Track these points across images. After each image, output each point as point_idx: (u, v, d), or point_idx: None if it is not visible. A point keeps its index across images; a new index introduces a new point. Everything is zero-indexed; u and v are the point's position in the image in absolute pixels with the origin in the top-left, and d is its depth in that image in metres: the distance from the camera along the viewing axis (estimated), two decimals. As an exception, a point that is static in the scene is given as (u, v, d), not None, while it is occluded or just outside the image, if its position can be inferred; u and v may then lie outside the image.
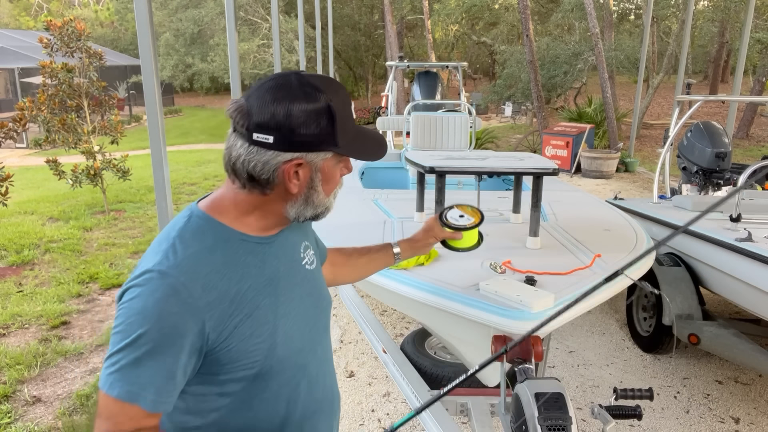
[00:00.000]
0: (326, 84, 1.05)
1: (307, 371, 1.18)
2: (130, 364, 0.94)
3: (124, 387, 0.94)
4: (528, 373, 1.90)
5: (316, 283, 1.26)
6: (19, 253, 6.08)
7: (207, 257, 1.01)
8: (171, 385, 0.98)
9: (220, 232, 1.05)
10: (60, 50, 7.40)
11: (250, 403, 1.10)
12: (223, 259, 1.03)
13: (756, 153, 12.17)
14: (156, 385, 0.95)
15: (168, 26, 24.01)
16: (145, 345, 0.94)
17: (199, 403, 1.09)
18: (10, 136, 6.15)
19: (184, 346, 0.97)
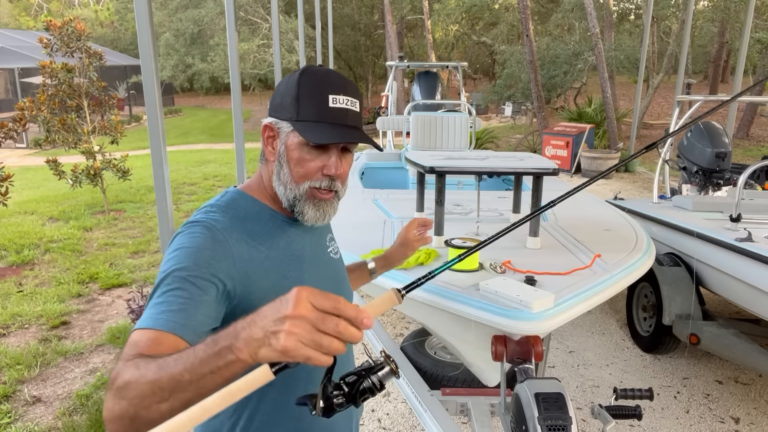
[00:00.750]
0: (324, 72, 1.11)
1: None
2: (162, 296, 0.93)
3: (146, 320, 0.91)
4: (528, 373, 1.90)
5: (340, 273, 1.31)
6: (19, 253, 6.08)
7: (239, 224, 1.09)
8: (198, 314, 0.94)
9: (252, 205, 1.14)
10: (60, 50, 7.40)
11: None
12: (253, 228, 1.11)
13: (756, 153, 12.17)
14: (183, 310, 0.93)
15: (168, 26, 24.01)
16: (179, 278, 0.95)
17: None
18: (10, 136, 6.15)
19: (214, 283, 0.97)
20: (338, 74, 1.13)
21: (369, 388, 0.80)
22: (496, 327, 1.95)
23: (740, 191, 3.43)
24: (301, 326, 0.68)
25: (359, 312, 0.71)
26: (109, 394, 0.79)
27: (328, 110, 1.07)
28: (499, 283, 2.07)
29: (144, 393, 0.76)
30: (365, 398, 0.81)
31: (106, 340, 4.16)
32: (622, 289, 2.37)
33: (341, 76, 1.13)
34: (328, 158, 1.10)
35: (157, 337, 0.88)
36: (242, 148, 4.67)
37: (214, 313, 0.97)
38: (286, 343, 0.68)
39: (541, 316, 1.91)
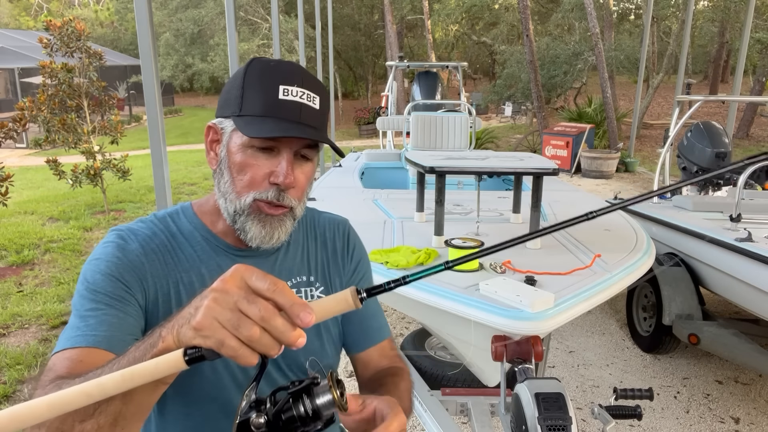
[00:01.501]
0: (276, 62, 0.93)
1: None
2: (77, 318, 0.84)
3: (62, 342, 0.81)
4: (528, 373, 1.91)
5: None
6: (19, 253, 6.08)
7: (166, 241, 0.95)
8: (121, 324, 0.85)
9: (187, 223, 0.98)
10: (60, 50, 7.40)
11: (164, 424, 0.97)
12: (179, 248, 0.96)
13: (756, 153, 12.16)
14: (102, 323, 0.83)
15: (168, 26, 24.00)
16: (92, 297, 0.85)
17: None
18: (10, 136, 6.15)
19: (128, 297, 0.88)
20: (296, 65, 0.94)
21: (299, 417, 0.61)
22: (496, 327, 1.95)
23: (740, 191, 3.43)
24: (221, 302, 0.56)
25: (299, 304, 0.57)
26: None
27: (277, 103, 0.87)
28: (499, 283, 2.07)
29: (63, 416, 0.61)
30: (291, 427, 0.62)
31: (106, 340, 4.16)
32: (622, 289, 2.37)
33: (299, 67, 0.93)
34: (277, 163, 0.89)
35: (76, 356, 0.77)
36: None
37: (137, 325, 0.88)
38: (201, 319, 0.56)
39: (541, 316, 1.91)
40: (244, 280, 0.57)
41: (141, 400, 0.65)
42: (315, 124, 0.90)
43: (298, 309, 0.57)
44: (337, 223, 1.15)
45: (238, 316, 0.56)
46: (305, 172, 0.94)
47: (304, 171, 0.93)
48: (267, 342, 0.56)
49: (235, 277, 0.58)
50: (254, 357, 0.56)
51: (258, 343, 0.56)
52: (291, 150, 0.90)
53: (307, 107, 0.89)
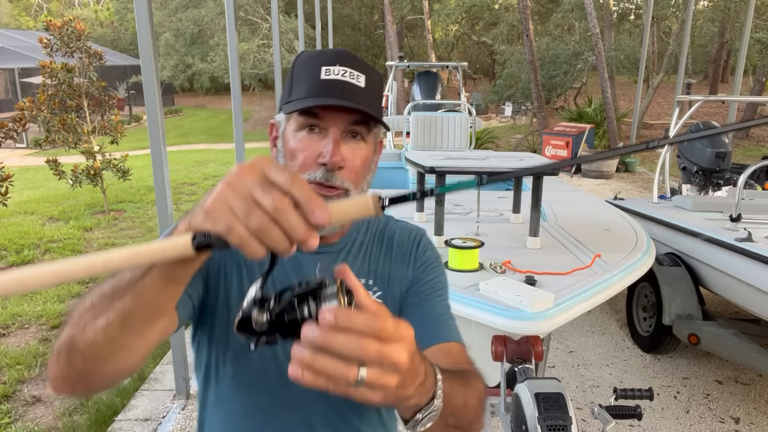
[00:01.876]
0: (321, 49, 0.95)
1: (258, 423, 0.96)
2: None
3: None
4: (528, 373, 1.91)
5: None
6: (19, 253, 6.08)
7: None
8: None
9: None
10: (60, 50, 7.40)
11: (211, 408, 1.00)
12: None
13: (756, 153, 12.17)
14: None
15: (168, 26, 24.01)
16: None
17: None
18: (10, 136, 6.15)
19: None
20: (341, 49, 0.93)
21: (301, 320, 0.57)
22: (496, 327, 1.95)
23: (740, 191, 3.43)
24: (235, 187, 0.54)
25: (316, 200, 0.54)
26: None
27: (319, 83, 0.87)
28: (499, 283, 2.08)
29: (83, 311, 0.65)
30: (293, 331, 0.57)
31: (106, 340, 4.17)
32: (622, 289, 2.37)
33: (344, 51, 0.93)
34: (325, 144, 0.88)
35: None
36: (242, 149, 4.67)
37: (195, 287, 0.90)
38: (212, 203, 0.54)
39: (541, 316, 1.92)
40: (263, 170, 0.54)
41: (151, 298, 0.63)
42: (358, 100, 0.88)
43: (313, 205, 0.54)
44: (410, 231, 1.08)
45: (250, 204, 0.53)
46: (358, 153, 0.91)
47: (356, 151, 0.91)
48: (277, 236, 0.53)
49: (253, 166, 0.55)
50: (261, 250, 0.53)
51: (267, 235, 0.53)
52: (338, 128, 0.88)
53: (350, 84, 0.88)
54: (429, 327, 0.96)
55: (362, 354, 0.52)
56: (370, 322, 0.53)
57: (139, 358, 0.70)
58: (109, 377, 0.70)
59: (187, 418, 3.13)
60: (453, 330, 0.99)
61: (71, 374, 0.69)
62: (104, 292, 0.64)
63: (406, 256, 1.03)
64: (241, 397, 0.96)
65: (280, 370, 0.95)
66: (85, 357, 0.66)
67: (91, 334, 0.64)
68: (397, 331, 0.55)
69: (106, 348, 0.65)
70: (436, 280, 1.04)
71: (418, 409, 0.65)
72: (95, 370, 0.68)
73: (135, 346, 0.67)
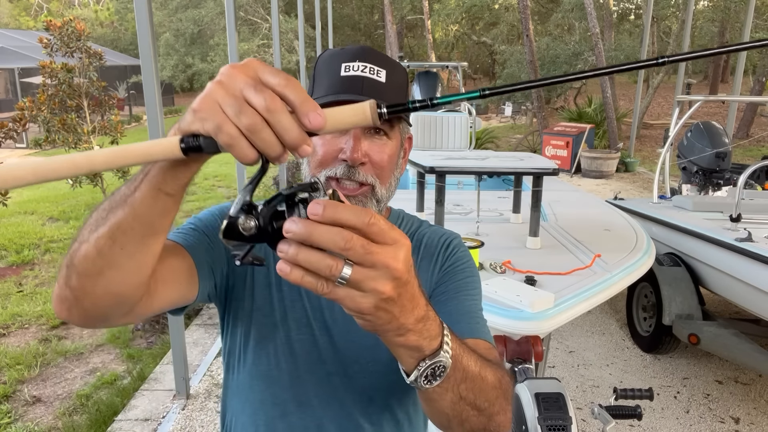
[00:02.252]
0: (342, 47, 0.94)
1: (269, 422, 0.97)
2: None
3: None
4: (528, 373, 1.91)
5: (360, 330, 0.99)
6: (19, 253, 6.08)
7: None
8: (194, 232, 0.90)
9: None
10: (60, 50, 7.40)
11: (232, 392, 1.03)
12: None
13: (756, 153, 12.17)
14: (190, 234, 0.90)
15: (168, 26, 24.02)
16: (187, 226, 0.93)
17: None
18: (10, 136, 6.15)
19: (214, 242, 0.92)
20: (363, 46, 0.93)
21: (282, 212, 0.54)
22: (496, 327, 1.95)
23: (740, 191, 3.43)
24: (226, 86, 0.51)
25: (311, 103, 0.51)
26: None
27: (339, 80, 0.87)
28: (499, 283, 2.08)
29: (84, 228, 0.65)
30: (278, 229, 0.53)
31: (106, 340, 4.16)
32: (622, 289, 2.37)
33: (366, 47, 0.93)
34: (345, 140, 0.87)
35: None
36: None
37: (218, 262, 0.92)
38: (201, 101, 0.52)
39: (541, 316, 1.92)
40: (256, 70, 0.52)
41: (141, 211, 0.62)
42: (379, 96, 0.85)
43: (308, 107, 0.51)
44: (440, 234, 1.05)
45: (241, 102, 0.50)
46: (382, 149, 0.89)
47: (379, 147, 0.89)
48: (268, 137, 0.50)
49: (246, 66, 0.52)
50: (252, 152, 0.51)
51: (258, 136, 0.50)
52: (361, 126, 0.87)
53: (370, 80, 0.87)
54: (454, 323, 0.89)
55: (346, 246, 0.49)
56: (358, 215, 0.50)
57: (130, 282, 0.67)
58: (100, 299, 0.68)
59: (187, 418, 3.13)
60: (481, 328, 0.94)
61: (67, 293, 0.68)
62: (103, 208, 0.64)
63: (433, 258, 1.00)
64: (257, 387, 0.97)
65: (294, 365, 0.95)
66: (78, 273, 0.66)
67: (84, 248, 0.64)
68: (389, 232, 0.51)
69: (96, 263, 0.64)
70: (465, 281, 0.99)
71: (422, 357, 0.62)
72: (86, 288, 0.67)
73: (125, 265, 0.65)
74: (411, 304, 0.57)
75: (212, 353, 3.85)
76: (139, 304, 0.73)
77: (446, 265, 1.00)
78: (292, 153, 0.53)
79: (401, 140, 0.95)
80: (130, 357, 3.90)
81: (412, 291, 0.56)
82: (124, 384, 3.52)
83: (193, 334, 4.15)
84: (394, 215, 1.08)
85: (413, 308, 0.57)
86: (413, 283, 0.56)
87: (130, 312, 0.73)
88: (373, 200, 0.91)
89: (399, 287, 0.53)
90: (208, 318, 4.45)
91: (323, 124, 0.52)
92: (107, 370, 3.76)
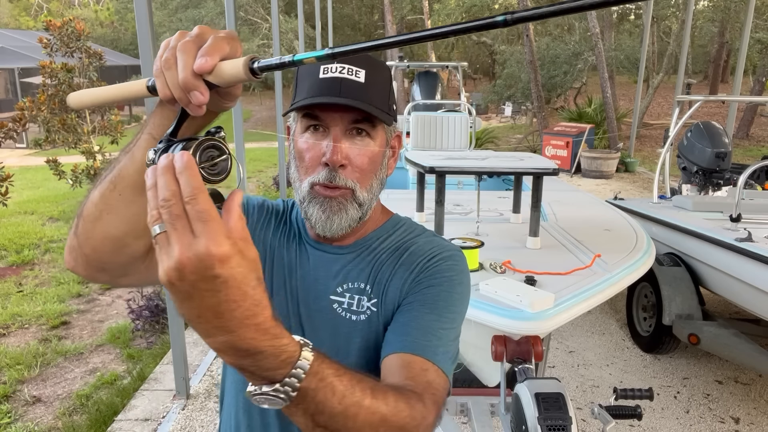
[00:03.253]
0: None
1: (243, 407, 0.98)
2: None
3: None
4: (528, 373, 1.91)
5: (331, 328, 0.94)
6: (19, 253, 6.08)
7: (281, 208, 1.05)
8: None
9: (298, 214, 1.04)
10: (60, 50, 7.40)
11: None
12: (287, 220, 1.04)
13: (756, 153, 12.17)
14: None
15: (168, 26, 24.00)
16: None
17: None
18: (9, 136, 6.15)
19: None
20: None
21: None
22: (496, 327, 1.95)
23: (740, 191, 3.43)
24: (170, 39, 0.60)
25: (211, 50, 0.57)
26: None
27: (317, 83, 0.86)
28: (499, 283, 2.08)
29: (98, 178, 0.73)
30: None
31: (106, 340, 4.16)
32: (622, 289, 2.37)
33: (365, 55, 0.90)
34: (327, 143, 0.87)
35: None
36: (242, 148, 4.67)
37: None
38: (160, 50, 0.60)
39: (541, 316, 1.92)
40: (196, 28, 0.60)
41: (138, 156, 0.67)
42: (358, 96, 0.85)
43: (204, 52, 0.56)
44: (433, 245, 0.98)
45: (167, 47, 0.58)
46: (362, 151, 0.89)
47: (359, 149, 0.89)
48: (170, 75, 0.57)
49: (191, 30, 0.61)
50: (165, 88, 0.57)
51: (167, 72, 0.57)
52: (339, 127, 0.87)
53: (348, 81, 0.86)
54: (399, 335, 0.87)
55: (160, 202, 0.50)
56: (186, 185, 0.50)
57: (124, 228, 0.71)
58: (99, 243, 0.72)
59: (187, 418, 3.13)
60: (430, 347, 0.84)
61: (74, 242, 0.74)
62: (113, 158, 0.72)
63: (410, 267, 0.94)
64: (234, 391, 1.00)
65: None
66: (83, 218, 0.72)
67: (91, 195, 0.72)
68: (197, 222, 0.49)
69: (98, 206, 0.71)
70: (436, 296, 0.91)
71: (247, 375, 0.58)
72: (88, 231, 0.72)
73: (122, 211, 0.70)
74: (214, 312, 0.51)
75: (212, 353, 3.85)
76: (141, 265, 0.76)
77: (420, 276, 0.93)
78: (186, 99, 0.57)
79: (386, 139, 0.94)
80: (130, 357, 3.90)
81: (217, 299, 0.50)
82: (124, 384, 3.52)
83: (193, 334, 4.15)
84: (392, 222, 1.04)
85: (220, 318, 0.51)
86: (253, 295, 0.52)
87: (131, 269, 0.76)
88: (354, 204, 0.90)
89: (181, 279, 0.49)
90: (208, 318, 4.45)
91: (206, 69, 0.56)
92: (107, 370, 3.76)
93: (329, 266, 0.96)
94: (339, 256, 0.97)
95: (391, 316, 0.92)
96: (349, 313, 0.93)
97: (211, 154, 0.58)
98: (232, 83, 0.59)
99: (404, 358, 0.83)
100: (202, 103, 0.57)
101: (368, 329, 0.92)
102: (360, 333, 0.92)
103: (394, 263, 0.96)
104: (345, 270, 0.96)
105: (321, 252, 0.97)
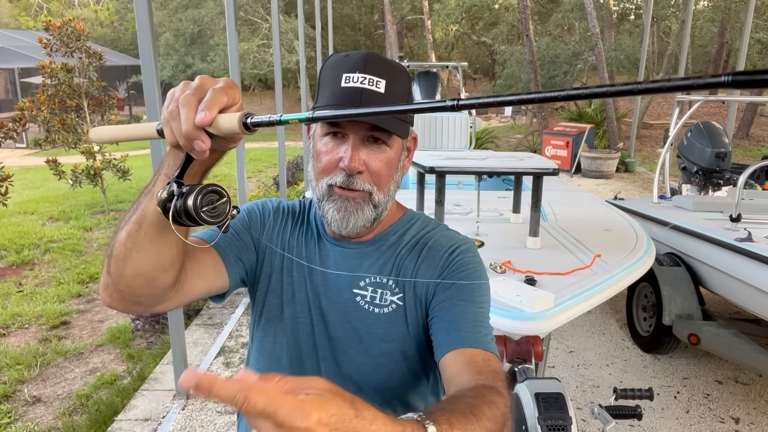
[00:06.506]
0: (346, 53, 0.97)
1: None
2: None
3: None
4: (528, 373, 1.91)
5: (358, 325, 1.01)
6: (19, 253, 6.08)
7: (298, 208, 1.12)
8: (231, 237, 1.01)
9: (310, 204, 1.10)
10: (60, 50, 7.40)
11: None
12: (304, 219, 1.09)
13: (756, 153, 12.17)
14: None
15: (168, 26, 23.99)
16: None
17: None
18: (9, 136, 6.15)
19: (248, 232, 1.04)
20: (368, 53, 0.94)
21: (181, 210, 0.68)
22: (496, 327, 1.95)
23: (740, 191, 3.43)
24: (174, 90, 0.67)
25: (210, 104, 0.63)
26: None
27: (339, 91, 0.90)
28: (499, 283, 2.08)
29: (123, 216, 0.81)
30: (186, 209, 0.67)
31: (106, 340, 4.16)
32: (622, 289, 2.37)
33: (370, 54, 0.94)
34: (345, 150, 0.92)
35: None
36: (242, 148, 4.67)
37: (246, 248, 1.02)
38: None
39: (541, 316, 1.92)
40: (198, 79, 0.67)
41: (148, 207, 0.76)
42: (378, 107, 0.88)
43: (204, 106, 0.63)
44: (450, 238, 1.05)
45: (172, 99, 0.66)
46: (379, 158, 0.94)
47: (377, 156, 0.94)
48: (176, 125, 0.65)
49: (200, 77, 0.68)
50: (171, 135, 0.66)
51: (172, 123, 0.65)
52: (357, 135, 0.92)
53: (369, 91, 0.90)
54: (452, 331, 0.93)
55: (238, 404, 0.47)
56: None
57: (153, 264, 0.78)
58: (131, 280, 0.79)
59: (187, 418, 3.13)
60: (480, 337, 0.92)
61: (108, 279, 0.81)
62: (135, 199, 0.80)
63: (434, 262, 1.01)
64: (262, 363, 1.06)
65: (295, 346, 1.04)
66: (114, 258, 0.78)
67: (119, 235, 0.78)
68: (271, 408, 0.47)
69: (126, 246, 0.77)
70: (470, 289, 0.98)
71: None
72: (119, 270, 0.78)
73: (148, 249, 0.77)
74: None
75: (212, 353, 3.85)
76: (171, 293, 0.85)
77: (447, 271, 1.00)
78: (190, 146, 0.65)
79: (402, 145, 1.00)
80: (130, 357, 3.90)
81: None
82: (124, 384, 3.52)
83: (193, 334, 4.15)
84: (407, 217, 1.11)
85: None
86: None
87: (162, 298, 0.84)
88: (370, 205, 0.96)
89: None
90: (208, 318, 4.45)
91: (206, 123, 0.63)
92: (107, 370, 3.76)
93: (350, 261, 1.03)
94: (359, 251, 1.04)
95: (417, 310, 1.00)
96: (372, 306, 1.00)
97: (211, 198, 0.68)
98: (229, 135, 0.65)
99: (465, 354, 0.89)
100: (203, 150, 0.65)
101: (392, 321, 1.00)
102: (383, 324, 1.00)
103: (415, 258, 1.03)
104: (366, 264, 1.03)
105: (341, 248, 1.04)
